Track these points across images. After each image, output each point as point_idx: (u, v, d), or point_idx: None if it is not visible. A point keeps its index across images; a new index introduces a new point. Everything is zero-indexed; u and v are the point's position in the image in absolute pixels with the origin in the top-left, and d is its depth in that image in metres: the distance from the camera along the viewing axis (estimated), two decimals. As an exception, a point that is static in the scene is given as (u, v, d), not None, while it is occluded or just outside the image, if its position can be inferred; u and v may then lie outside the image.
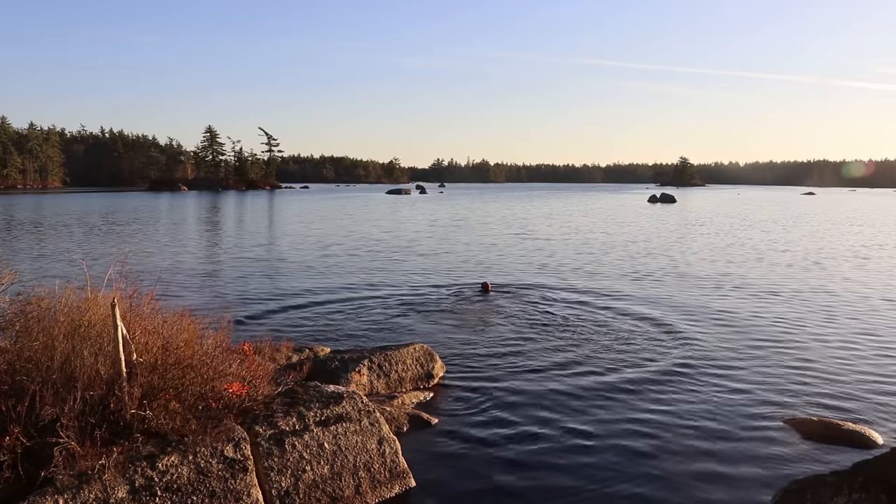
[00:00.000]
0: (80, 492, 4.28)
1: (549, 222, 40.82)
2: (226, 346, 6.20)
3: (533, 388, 8.23)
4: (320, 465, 5.26)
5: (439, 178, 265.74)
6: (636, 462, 6.18)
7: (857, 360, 9.68)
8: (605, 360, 9.51)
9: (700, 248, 25.95)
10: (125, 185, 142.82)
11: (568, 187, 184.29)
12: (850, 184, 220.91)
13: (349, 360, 8.15)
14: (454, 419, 7.26)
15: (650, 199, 78.22)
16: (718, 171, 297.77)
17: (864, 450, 6.46)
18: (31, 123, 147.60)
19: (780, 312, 13.04)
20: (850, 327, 11.84)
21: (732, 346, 10.40)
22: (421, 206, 63.15)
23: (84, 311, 5.50)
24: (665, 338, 10.86)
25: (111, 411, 4.87)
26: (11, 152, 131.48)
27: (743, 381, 8.56)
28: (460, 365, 9.25)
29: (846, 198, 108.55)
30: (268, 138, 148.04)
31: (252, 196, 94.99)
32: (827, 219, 47.41)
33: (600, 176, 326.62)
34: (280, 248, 25.16)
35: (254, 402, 5.54)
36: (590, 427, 7.01)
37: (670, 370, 9.02)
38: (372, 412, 5.88)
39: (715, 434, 6.83)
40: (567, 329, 11.42)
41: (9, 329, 5.58)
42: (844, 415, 7.40)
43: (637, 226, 38.61)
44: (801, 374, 8.94)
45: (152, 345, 5.45)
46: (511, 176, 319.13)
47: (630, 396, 7.96)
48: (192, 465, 4.71)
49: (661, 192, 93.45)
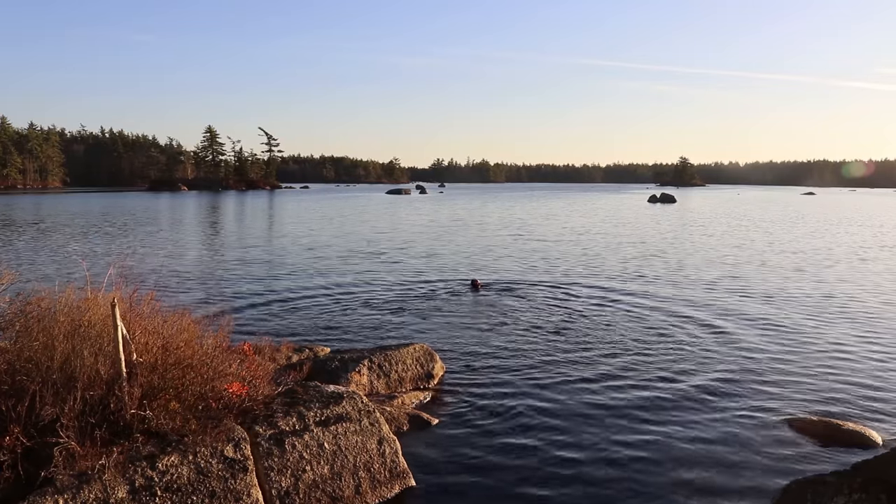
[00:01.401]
0: (80, 492, 4.28)
1: (548, 223, 40.81)
2: (226, 346, 6.20)
3: (533, 388, 8.23)
4: (320, 465, 5.26)
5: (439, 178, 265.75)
6: (636, 461, 6.18)
7: (857, 360, 9.67)
8: (604, 359, 9.51)
9: (699, 248, 25.94)
10: (125, 185, 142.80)
11: (568, 187, 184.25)
12: (849, 184, 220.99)
13: (349, 360, 8.14)
14: (454, 419, 7.26)
15: (650, 199, 78.22)
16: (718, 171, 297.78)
17: (864, 450, 6.46)
18: (31, 123, 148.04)
19: (780, 313, 13.03)
20: (851, 328, 11.83)
21: (732, 345, 10.40)
22: (421, 207, 63.14)
23: (84, 311, 5.50)
24: (665, 337, 10.86)
25: (111, 411, 4.87)
26: (11, 152, 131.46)
27: (743, 382, 8.55)
28: (460, 365, 9.25)
29: (846, 198, 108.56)
30: (268, 138, 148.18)
31: (252, 196, 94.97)
32: (826, 219, 47.39)
33: (600, 176, 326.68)
34: (280, 248, 25.16)
35: (254, 402, 5.54)
36: (589, 426, 7.01)
37: (670, 370, 9.02)
38: (372, 412, 5.88)
39: (715, 434, 6.83)
40: (566, 329, 11.42)
41: (9, 329, 5.58)
42: (844, 415, 7.40)
43: (636, 226, 38.60)
44: (802, 374, 8.94)
45: (152, 345, 5.45)
46: (511, 176, 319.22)
47: (629, 396, 7.96)
48: (192, 465, 4.70)
49: (661, 192, 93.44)
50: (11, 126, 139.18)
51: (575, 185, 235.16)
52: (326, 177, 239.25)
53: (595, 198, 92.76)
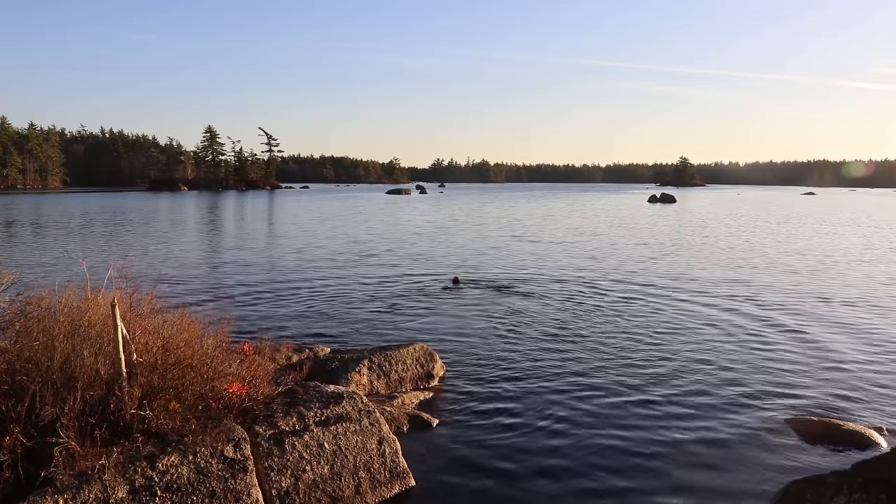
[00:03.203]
0: (80, 492, 4.28)
1: (547, 223, 40.80)
2: (226, 346, 6.20)
3: (533, 388, 8.23)
4: (320, 465, 5.26)
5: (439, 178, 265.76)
6: (636, 461, 6.18)
7: (857, 360, 9.67)
8: (604, 359, 9.51)
9: (699, 248, 25.93)
10: (125, 185, 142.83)
11: (568, 187, 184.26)
12: (849, 184, 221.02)
13: (349, 360, 8.14)
14: (454, 419, 7.26)
15: (650, 200, 78.22)
16: (718, 171, 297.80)
17: (864, 450, 6.46)
18: (31, 123, 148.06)
19: (780, 313, 13.03)
20: (851, 328, 11.83)
21: (731, 345, 10.40)
22: (422, 207, 63.13)
23: (84, 311, 5.50)
24: (664, 337, 10.86)
25: (111, 411, 4.87)
26: (11, 152, 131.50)
27: (742, 382, 8.55)
28: (460, 365, 9.25)
29: (846, 198, 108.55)
30: (268, 138, 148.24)
31: (252, 196, 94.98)
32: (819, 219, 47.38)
33: (600, 176, 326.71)
34: (280, 248, 25.16)
35: (254, 402, 5.54)
36: (589, 426, 7.01)
37: (670, 369, 9.02)
38: (372, 412, 5.88)
39: (715, 434, 6.83)
40: (566, 328, 11.42)
41: (9, 329, 5.58)
42: (844, 415, 7.40)
43: (636, 227, 38.59)
44: (802, 374, 8.94)
45: (152, 345, 5.45)
46: (511, 176, 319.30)
47: (628, 396, 7.96)
48: (192, 465, 4.70)
49: (660, 192, 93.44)
50: (11, 126, 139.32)
51: (575, 185, 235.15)
52: (326, 177, 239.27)
53: (595, 198, 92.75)
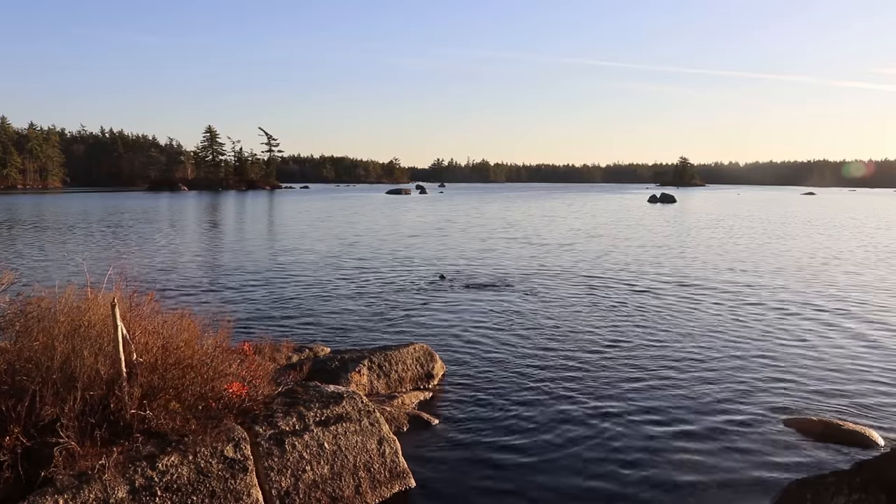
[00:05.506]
0: (80, 492, 4.28)
1: (546, 224, 40.80)
2: (226, 346, 6.20)
3: (533, 388, 8.23)
4: (320, 465, 5.26)
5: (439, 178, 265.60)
6: (636, 461, 6.18)
7: (857, 360, 9.68)
8: (603, 359, 9.51)
9: (698, 248, 25.93)
10: (125, 185, 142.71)
11: (568, 187, 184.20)
12: (849, 184, 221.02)
13: (349, 360, 8.14)
14: (454, 419, 7.26)
15: (650, 200, 78.20)
16: (718, 171, 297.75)
17: (864, 450, 6.46)
18: (31, 123, 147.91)
19: (780, 313, 13.03)
20: (851, 327, 11.83)
21: (731, 345, 10.40)
22: (422, 207, 63.13)
23: (84, 312, 5.50)
24: (664, 337, 10.87)
25: (111, 411, 4.87)
26: (11, 152, 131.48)
27: (742, 382, 8.55)
28: (460, 365, 9.25)
29: (847, 198, 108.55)
30: (268, 138, 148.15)
31: (252, 196, 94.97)
32: (819, 219, 47.39)
33: (600, 176, 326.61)
34: (280, 248, 25.16)
35: (254, 402, 5.54)
36: (589, 426, 7.01)
37: (670, 369, 9.02)
38: (372, 412, 5.88)
39: (715, 434, 6.83)
40: (566, 328, 11.42)
41: (9, 329, 5.58)
42: (844, 415, 7.40)
43: (635, 227, 38.60)
44: (802, 374, 8.94)
45: (152, 345, 5.45)
46: (511, 176, 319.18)
47: (628, 396, 7.96)
48: (192, 465, 4.70)
49: (660, 192, 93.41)
50: (11, 126, 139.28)
51: (575, 185, 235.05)
52: (326, 177, 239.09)
53: (595, 198, 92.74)
